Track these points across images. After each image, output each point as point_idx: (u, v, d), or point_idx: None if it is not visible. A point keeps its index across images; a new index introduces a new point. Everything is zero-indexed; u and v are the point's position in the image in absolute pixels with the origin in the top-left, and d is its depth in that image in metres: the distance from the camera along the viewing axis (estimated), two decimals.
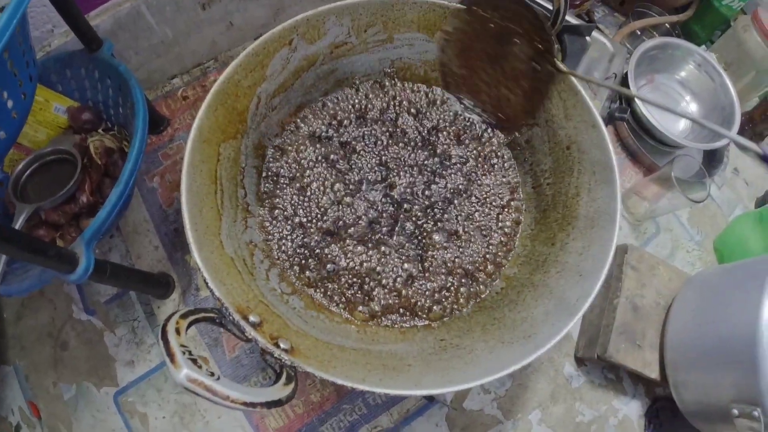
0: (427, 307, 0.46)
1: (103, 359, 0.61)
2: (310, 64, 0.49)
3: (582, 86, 0.45)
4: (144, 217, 0.65)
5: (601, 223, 0.42)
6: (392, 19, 0.49)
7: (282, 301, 0.42)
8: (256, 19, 0.73)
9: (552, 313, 0.39)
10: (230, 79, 0.43)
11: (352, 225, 0.49)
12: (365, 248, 0.48)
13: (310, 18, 0.46)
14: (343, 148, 0.52)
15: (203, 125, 0.41)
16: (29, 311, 0.64)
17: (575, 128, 0.45)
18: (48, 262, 0.42)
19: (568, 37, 0.63)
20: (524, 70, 0.44)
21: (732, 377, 0.51)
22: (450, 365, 0.38)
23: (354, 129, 0.53)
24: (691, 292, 0.61)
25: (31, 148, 0.60)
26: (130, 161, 0.50)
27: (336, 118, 0.53)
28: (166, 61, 0.71)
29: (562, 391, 0.63)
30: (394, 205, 0.50)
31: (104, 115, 0.62)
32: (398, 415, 0.59)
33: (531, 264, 0.46)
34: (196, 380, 0.28)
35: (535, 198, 0.50)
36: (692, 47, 0.77)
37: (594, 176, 0.44)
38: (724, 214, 0.77)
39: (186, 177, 0.38)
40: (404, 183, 0.51)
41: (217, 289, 0.35)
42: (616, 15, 0.87)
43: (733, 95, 0.74)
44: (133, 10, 0.62)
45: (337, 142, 0.52)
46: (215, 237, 0.40)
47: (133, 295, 0.63)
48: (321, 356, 0.37)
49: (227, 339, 0.61)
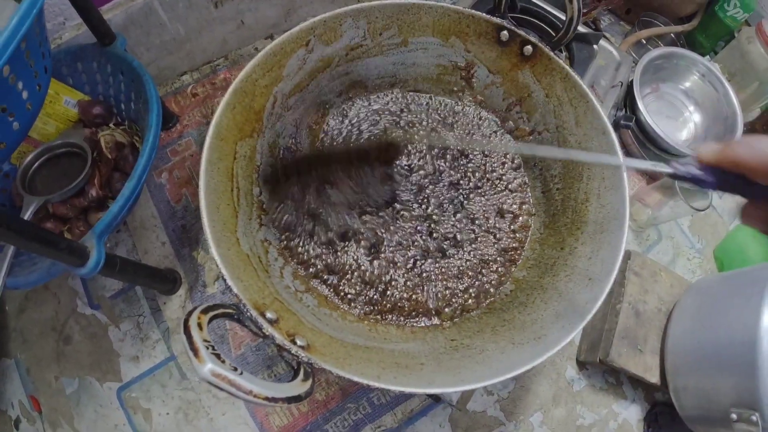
0: (438, 308, 0.47)
1: (107, 354, 0.61)
2: (326, 65, 0.50)
3: (592, 93, 0.45)
4: (152, 213, 0.66)
5: (610, 228, 0.42)
6: (407, 22, 0.49)
7: (296, 298, 0.43)
8: (267, 18, 0.73)
9: (562, 315, 0.40)
10: (248, 77, 0.43)
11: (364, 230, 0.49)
12: (377, 251, 0.48)
13: (327, 20, 0.46)
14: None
15: (221, 123, 0.41)
16: (32, 304, 0.64)
17: (585, 135, 0.46)
18: (59, 255, 0.42)
19: (576, 44, 0.64)
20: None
21: (731, 382, 0.51)
22: (461, 365, 0.38)
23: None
24: (691, 299, 0.62)
25: (39, 140, 0.60)
26: (144, 156, 0.50)
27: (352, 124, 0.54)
28: (176, 58, 0.71)
29: (563, 394, 0.64)
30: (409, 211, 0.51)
31: (115, 110, 0.62)
32: (402, 414, 0.60)
33: (540, 267, 0.47)
34: (221, 375, 0.28)
35: (544, 203, 0.51)
36: (697, 57, 0.78)
37: (603, 182, 0.45)
38: (725, 222, 0.78)
39: (204, 174, 0.39)
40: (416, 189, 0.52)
41: (235, 286, 0.35)
42: (622, 24, 0.89)
43: (736, 105, 0.75)
44: (146, 6, 0.62)
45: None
46: (232, 234, 0.40)
47: (138, 291, 0.63)
48: (336, 353, 0.37)
49: (233, 336, 0.61)
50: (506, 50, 0.50)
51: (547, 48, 0.47)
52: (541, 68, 0.49)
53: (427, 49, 0.52)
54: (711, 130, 0.78)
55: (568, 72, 0.46)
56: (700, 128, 0.80)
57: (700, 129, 0.80)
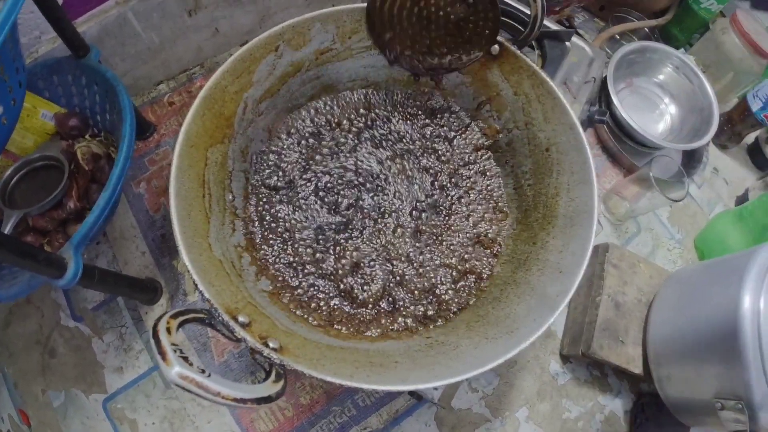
0: (413, 308, 0.47)
1: (92, 366, 0.61)
2: (296, 70, 0.50)
3: (560, 90, 0.46)
4: (131, 223, 0.66)
5: (579, 222, 0.43)
6: None
7: (271, 302, 0.43)
8: (241, 25, 0.74)
9: (534, 308, 0.41)
10: (217, 84, 0.44)
11: (341, 231, 0.50)
12: (350, 252, 0.49)
13: (296, 25, 0.47)
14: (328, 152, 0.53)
15: (191, 130, 0.42)
16: (17, 318, 0.64)
17: (554, 130, 0.47)
18: (37, 267, 0.42)
19: (548, 42, 0.65)
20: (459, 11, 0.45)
21: (713, 371, 0.52)
22: (436, 361, 0.39)
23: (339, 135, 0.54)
24: (671, 289, 0.63)
25: (18, 154, 0.60)
26: (118, 167, 0.51)
27: (330, 122, 0.54)
28: (152, 67, 0.71)
29: (548, 388, 0.64)
30: (380, 210, 0.51)
31: (91, 121, 0.62)
32: (387, 415, 0.60)
33: (513, 262, 0.47)
34: (188, 377, 0.28)
35: (516, 199, 0.51)
36: (670, 50, 0.79)
37: (572, 176, 0.45)
38: (705, 213, 0.79)
39: (174, 181, 0.39)
40: (392, 190, 0.52)
41: (206, 291, 0.35)
42: (596, 20, 0.90)
43: (712, 97, 0.76)
44: (120, 16, 0.62)
45: (324, 149, 0.53)
46: (203, 240, 0.41)
47: (120, 301, 0.63)
48: (310, 355, 0.37)
49: (216, 344, 0.61)
50: None
51: (514, 47, 0.48)
52: (509, 67, 0.49)
53: None
54: (687, 122, 0.79)
55: (535, 70, 0.47)
56: (677, 120, 0.81)
57: (677, 121, 0.81)
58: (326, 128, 0.54)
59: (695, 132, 0.76)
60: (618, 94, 0.73)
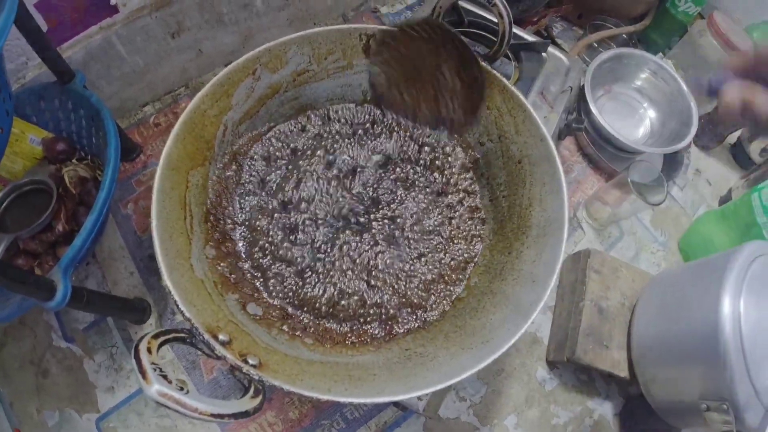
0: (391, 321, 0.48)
1: (84, 386, 0.62)
2: (275, 91, 0.51)
3: (530, 103, 0.47)
4: (119, 244, 0.67)
5: (551, 231, 0.44)
6: (350, 46, 0.51)
7: (251, 320, 0.44)
8: (225, 46, 0.75)
9: (509, 318, 0.41)
10: (197, 108, 0.45)
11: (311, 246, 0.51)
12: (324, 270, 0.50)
13: (272, 48, 0.48)
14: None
15: (172, 153, 0.43)
16: (11, 339, 0.65)
17: (525, 143, 0.48)
18: (27, 290, 0.44)
19: (524, 54, 0.66)
20: (456, 80, 0.47)
21: (697, 373, 0.52)
22: (412, 372, 0.40)
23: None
24: (654, 292, 0.63)
25: (8, 179, 0.62)
26: (104, 190, 0.52)
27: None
28: (137, 90, 0.73)
29: (536, 395, 0.65)
30: (357, 225, 0.52)
31: (78, 145, 0.64)
32: (376, 427, 0.61)
33: (490, 273, 0.48)
34: (167, 394, 0.29)
35: (492, 210, 0.52)
36: (647, 56, 0.80)
37: (544, 187, 0.46)
38: (688, 214, 0.79)
39: (156, 204, 0.40)
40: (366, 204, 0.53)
41: (187, 311, 0.37)
42: (574, 29, 0.91)
43: (690, 99, 0.77)
44: (105, 41, 0.64)
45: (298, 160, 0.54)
46: (186, 261, 0.42)
47: (110, 322, 0.64)
48: (289, 370, 0.38)
49: (204, 362, 0.62)
50: None
51: (485, 62, 0.49)
52: None
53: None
54: (667, 125, 0.80)
55: (505, 84, 0.48)
56: (657, 124, 0.82)
57: (657, 124, 0.82)
58: (306, 146, 0.55)
59: (675, 135, 0.77)
60: (597, 101, 0.74)
